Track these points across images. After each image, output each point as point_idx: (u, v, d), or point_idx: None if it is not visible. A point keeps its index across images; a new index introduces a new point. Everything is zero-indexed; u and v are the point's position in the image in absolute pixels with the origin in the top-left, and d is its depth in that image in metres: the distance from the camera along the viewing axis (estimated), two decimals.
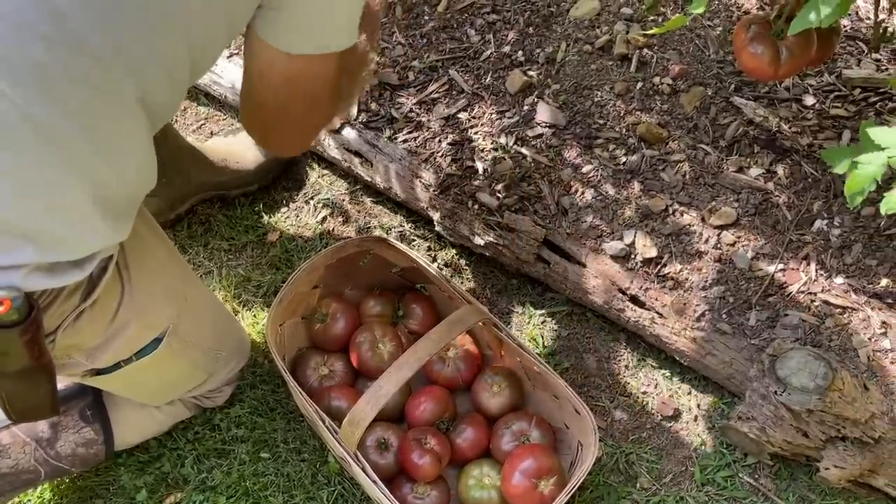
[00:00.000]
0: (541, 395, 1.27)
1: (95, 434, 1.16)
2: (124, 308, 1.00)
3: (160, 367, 1.10)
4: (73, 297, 0.92)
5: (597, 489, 1.22)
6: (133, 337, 1.03)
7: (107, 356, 1.02)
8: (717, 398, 1.28)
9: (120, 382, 1.11)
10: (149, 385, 1.15)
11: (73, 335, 0.96)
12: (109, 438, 1.17)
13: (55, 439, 1.14)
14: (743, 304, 1.21)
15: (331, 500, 1.21)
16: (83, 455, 1.16)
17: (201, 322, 1.15)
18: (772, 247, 1.24)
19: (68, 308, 0.92)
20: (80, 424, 1.15)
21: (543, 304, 1.39)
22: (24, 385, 0.91)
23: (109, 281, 0.96)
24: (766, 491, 1.20)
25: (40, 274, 0.83)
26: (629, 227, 1.28)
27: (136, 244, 1.02)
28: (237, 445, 1.25)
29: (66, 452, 1.14)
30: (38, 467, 1.13)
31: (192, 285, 1.15)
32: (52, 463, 1.14)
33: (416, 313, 1.34)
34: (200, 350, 1.15)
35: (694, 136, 1.35)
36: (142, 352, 1.06)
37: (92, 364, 1.03)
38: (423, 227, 1.47)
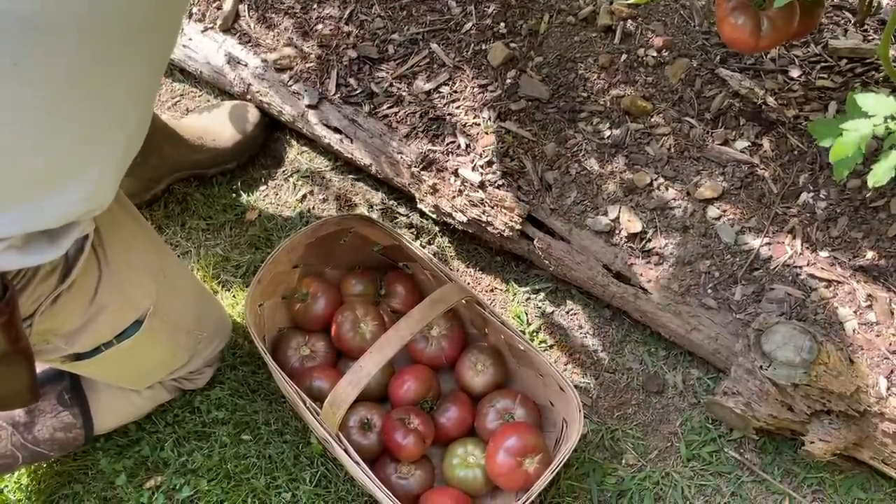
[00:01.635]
0: (525, 372, 1.25)
1: (74, 418, 1.13)
2: (103, 288, 0.97)
3: (142, 350, 1.08)
4: (49, 279, 0.89)
5: (582, 466, 1.22)
6: (113, 318, 1.01)
7: (87, 339, 1.00)
8: (702, 373, 1.27)
9: (101, 367, 1.08)
10: (130, 369, 1.13)
11: (50, 319, 0.93)
12: (88, 422, 1.15)
13: (32, 424, 1.11)
14: (728, 278, 1.20)
15: (314, 481, 1.19)
16: (62, 440, 1.14)
17: (182, 302, 1.13)
18: (757, 220, 1.23)
19: (45, 291, 0.89)
20: (59, 409, 1.12)
21: (527, 282, 1.37)
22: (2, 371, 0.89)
23: (86, 261, 0.93)
24: (751, 465, 1.20)
25: (14, 252, 0.80)
26: (613, 202, 1.26)
27: (111, 223, 0.99)
28: (218, 428, 1.23)
29: (43, 437, 1.12)
30: (15, 452, 1.11)
31: (170, 265, 1.13)
32: (29, 447, 1.12)
33: (398, 292, 1.32)
34: (183, 331, 1.13)
35: (679, 109, 1.33)
36: (123, 334, 1.03)
37: (71, 348, 1.00)
38: (404, 204, 1.45)
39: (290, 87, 1.44)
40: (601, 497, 1.19)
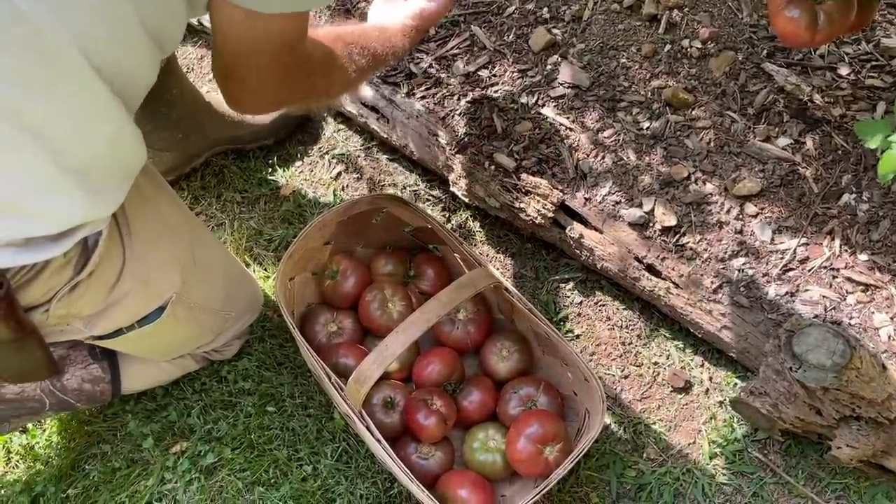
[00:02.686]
0: (550, 361, 1.25)
1: (103, 372, 1.15)
2: (125, 278, 0.98)
3: (165, 333, 1.09)
4: (63, 272, 0.90)
5: (603, 457, 1.21)
6: (134, 306, 1.02)
7: (107, 324, 1.01)
8: (730, 372, 1.26)
9: (123, 345, 1.10)
10: (154, 347, 1.15)
11: (68, 305, 0.95)
12: (116, 379, 1.17)
13: (62, 371, 1.13)
14: (762, 277, 1.18)
15: (335, 455, 1.21)
16: (89, 391, 1.16)
17: (211, 284, 1.13)
18: (795, 220, 1.20)
19: (60, 282, 0.90)
20: (89, 360, 1.14)
21: (557, 270, 1.37)
22: (11, 354, 0.91)
23: (109, 250, 0.94)
24: (774, 467, 1.18)
25: (13, 250, 0.81)
26: (649, 195, 1.25)
27: (142, 208, 1.00)
28: (243, 398, 1.25)
29: (72, 386, 1.14)
30: (43, 397, 1.14)
31: (203, 246, 1.13)
32: (57, 395, 1.14)
33: (427, 274, 1.32)
34: (209, 313, 1.14)
35: (721, 103, 1.31)
36: (144, 320, 1.04)
37: (91, 331, 1.02)
38: (438, 186, 1.45)
39: None
40: (620, 489, 1.19)
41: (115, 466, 1.21)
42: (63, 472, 1.22)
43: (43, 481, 1.21)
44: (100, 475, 1.21)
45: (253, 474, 1.19)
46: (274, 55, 0.85)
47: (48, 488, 1.20)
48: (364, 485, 1.18)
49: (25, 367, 0.96)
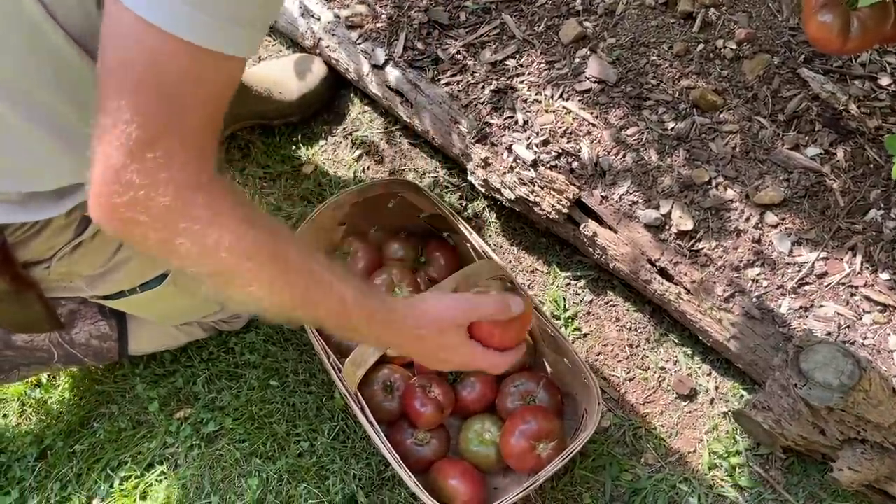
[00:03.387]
0: (554, 358, 1.24)
1: (110, 330, 1.18)
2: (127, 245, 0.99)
3: (167, 299, 1.10)
4: (65, 232, 0.91)
5: (599, 458, 1.20)
6: (134, 272, 1.03)
7: (107, 286, 1.03)
8: (737, 383, 1.23)
9: (126, 307, 1.12)
10: (158, 311, 1.17)
11: (69, 264, 0.96)
12: (123, 338, 1.19)
13: (72, 325, 1.16)
14: (777, 289, 1.15)
15: (332, 434, 1.22)
16: (96, 347, 1.19)
17: None
18: (817, 233, 1.17)
19: (60, 242, 0.92)
20: (98, 317, 1.17)
21: (570, 267, 1.35)
22: (8, 305, 0.93)
23: None
24: (774, 483, 1.16)
25: (12, 207, 0.83)
26: (667, 197, 1.22)
27: None
28: (248, 370, 1.27)
29: (80, 341, 1.17)
30: (52, 348, 1.16)
31: None
32: (65, 347, 1.17)
33: (437, 262, 1.32)
34: None
35: (751, 107, 1.27)
36: (146, 285, 1.06)
37: (93, 291, 1.04)
38: (457, 174, 1.44)
39: (358, 45, 1.44)
40: (614, 492, 1.18)
41: (121, 427, 1.25)
42: (72, 428, 1.25)
43: (52, 435, 1.25)
44: (106, 434, 1.24)
45: (251, 445, 1.21)
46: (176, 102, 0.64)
47: (56, 442, 1.24)
48: (358, 465, 1.19)
49: (25, 318, 0.98)
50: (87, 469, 1.22)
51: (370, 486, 1.18)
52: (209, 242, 0.68)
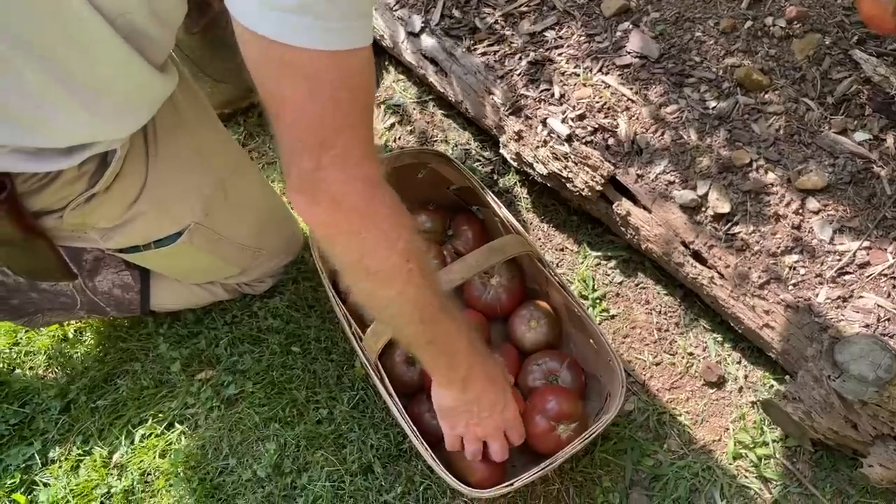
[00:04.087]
0: (580, 338, 1.22)
1: (133, 281, 1.18)
2: (143, 198, 0.99)
3: (182, 258, 1.10)
4: (77, 183, 0.91)
5: (622, 442, 1.18)
6: (149, 227, 1.02)
7: (121, 239, 1.03)
8: (767, 373, 1.19)
9: (142, 261, 1.12)
10: (174, 268, 1.16)
11: (82, 216, 0.96)
12: (146, 291, 1.19)
13: (95, 272, 1.16)
14: (815, 277, 1.11)
15: (352, 402, 1.22)
16: (118, 297, 1.19)
17: (241, 218, 1.14)
18: (861, 221, 1.12)
19: (72, 193, 0.92)
20: (121, 266, 1.17)
21: (601, 246, 1.32)
22: (19, 252, 0.93)
23: (131, 169, 0.95)
24: (801, 477, 1.13)
25: (22, 156, 0.83)
26: (705, 178, 1.18)
27: (176, 133, 1.00)
28: (271, 335, 1.27)
29: (102, 289, 1.17)
30: (75, 294, 1.17)
31: (242, 181, 1.13)
32: (88, 294, 1.17)
33: (465, 235, 1.30)
34: (233, 247, 1.14)
35: (798, 89, 1.22)
36: (160, 242, 1.06)
37: (106, 244, 1.04)
38: (489, 147, 1.41)
39: (395, 12, 1.42)
40: (634, 476, 1.16)
41: (144, 385, 1.25)
42: (95, 384, 1.27)
43: (76, 389, 1.26)
44: (129, 391, 1.25)
45: (271, 410, 1.21)
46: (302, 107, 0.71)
47: (80, 396, 1.25)
48: (376, 435, 1.19)
49: (35, 266, 0.99)
50: (108, 424, 1.23)
51: (387, 456, 1.17)
52: (393, 245, 0.78)
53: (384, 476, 1.16)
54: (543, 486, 1.15)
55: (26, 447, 1.22)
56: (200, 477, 1.17)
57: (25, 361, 1.30)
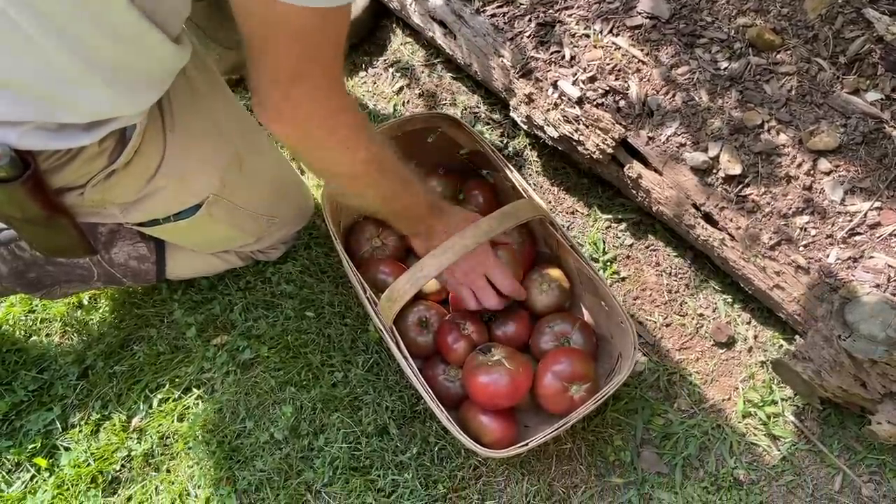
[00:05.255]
0: (591, 301, 1.23)
1: (149, 252, 1.19)
2: (162, 172, 0.99)
3: (200, 229, 1.11)
4: (98, 160, 0.92)
5: (632, 402, 1.20)
6: (168, 201, 1.03)
7: (141, 214, 1.03)
8: (777, 333, 1.21)
9: (161, 234, 1.12)
10: (192, 239, 1.17)
11: (103, 192, 0.96)
12: (161, 261, 1.20)
13: (111, 244, 1.17)
14: (825, 238, 1.11)
15: (366, 366, 1.23)
16: (134, 268, 1.20)
17: (256, 188, 1.14)
18: (872, 182, 1.12)
19: (93, 169, 0.92)
20: (137, 238, 1.17)
21: (611, 209, 1.33)
22: (43, 230, 0.94)
23: (149, 144, 0.95)
24: (809, 434, 1.15)
25: (44, 134, 0.83)
26: (716, 140, 1.18)
27: (191, 106, 1.00)
28: (284, 300, 1.28)
29: (119, 261, 1.18)
30: (91, 266, 1.18)
31: (255, 151, 1.13)
32: (104, 266, 1.18)
33: (476, 200, 1.30)
34: (249, 216, 1.15)
35: (811, 48, 1.21)
36: (179, 215, 1.06)
37: (126, 219, 1.04)
38: (499, 110, 1.41)
39: None
40: (645, 435, 1.18)
41: (160, 350, 1.27)
42: (112, 350, 1.28)
43: (93, 355, 1.28)
44: (145, 356, 1.27)
45: (286, 374, 1.23)
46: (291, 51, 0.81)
47: (97, 362, 1.27)
48: (391, 398, 1.21)
49: (57, 243, 0.99)
50: (126, 389, 1.25)
51: (402, 418, 1.19)
52: (355, 155, 0.96)
53: (399, 437, 1.18)
54: (556, 446, 1.17)
55: (46, 412, 1.24)
56: (219, 440, 1.20)
57: (41, 329, 1.31)
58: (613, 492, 1.14)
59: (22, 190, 0.85)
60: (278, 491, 1.15)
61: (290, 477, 1.16)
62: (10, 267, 1.16)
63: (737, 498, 1.12)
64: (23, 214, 0.90)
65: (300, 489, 1.16)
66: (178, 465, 1.19)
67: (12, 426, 1.23)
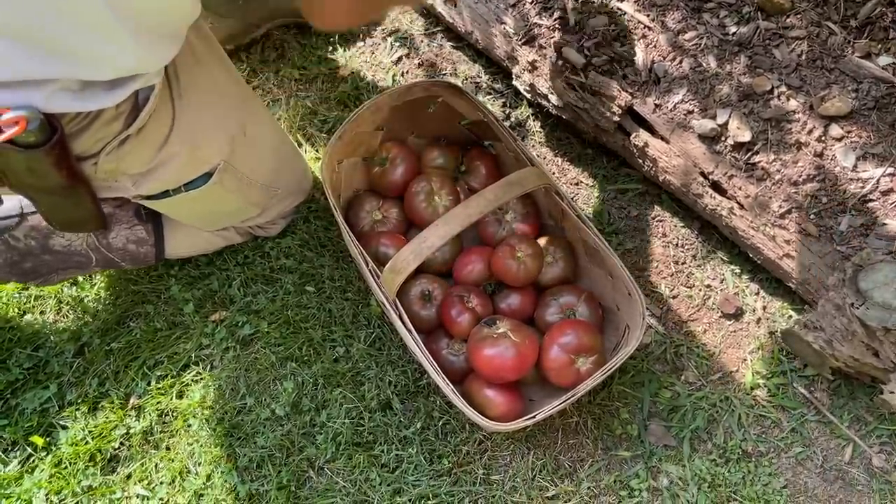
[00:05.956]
0: (596, 272, 1.20)
1: (147, 234, 1.17)
2: (173, 139, 0.98)
3: (210, 200, 1.09)
4: (114, 123, 0.90)
5: (639, 375, 1.18)
6: (181, 169, 1.01)
7: (153, 184, 1.01)
8: (786, 303, 1.19)
9: (169, 208, 1.11)
10: (199, 214, 1.15)
11: (117, 161, 0.95)
12: (160, 242, 1.18)
13: (108, 230, 1.15)
14: (837, 206, 1.09)
15: (368, 340, 1.21)
16: (133, 252, 1.18)
17: (259, 157, 1.12)
18: (884, 147, 1.10)
19: (109, 134, 0.90)
20: (134, 221, 1.16)
21: (617, 179, 1.30)
22: (61, 200, 0.92)
23: (159, 111, 0.94)
24: (819, 405, 1.13)
25: (69, 95, 0.81)
26: (724, 106, 1.15)
27: (196, 72, 0.99)
28: (284, 275, 1.26)
29: (117, 245, 1.17)
30: (89, 253, 1.16)
31: (255, 118, 1.11)
32: (103, 252, 1.17)
33: (478, 170, 1.28)
34: (255, 186, 1.13)
35: (821, 12, 1.18)
36: (191, 184, 1.04)
37: (138, 190, 1.02)
38: (501, 80, 1.38)
39: None
40: (652, 408, 1.16)
41: (157, 327, 1.25)
42: (108, 327, 1.26)
43: (89, 332, 1.25)
44: (142, 333, 1.24)
45: (287, 350, 1.21)
46: None
47: (94, 340, 1.25)
48: (394, 372, 1.18)
49: (74, 215, 0.98)
50: (123, 367, 1.22)
51: (405, 392, 1.17)
52: None
53: (403, 412, 1.16)
54: (562, 420, 1.15)
55: (42, 390, 1.21)
56: (219, 417, 1.18)
57: (36, 306, 1.29)
58: (620, 465, 1.13)
59: (47, 157, 0.84)
60: (280, 468, 1.13)
61: (292, 453, 1.14)
62: (4, 258, 1.14)
63: (745, 470, 1.11)
64: (43, 183, 0.89)
65: (302, 465, 1.14)
66: (177, 442, 1.17)
67: (8, 405, 1.21)
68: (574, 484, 1.11)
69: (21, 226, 1.13)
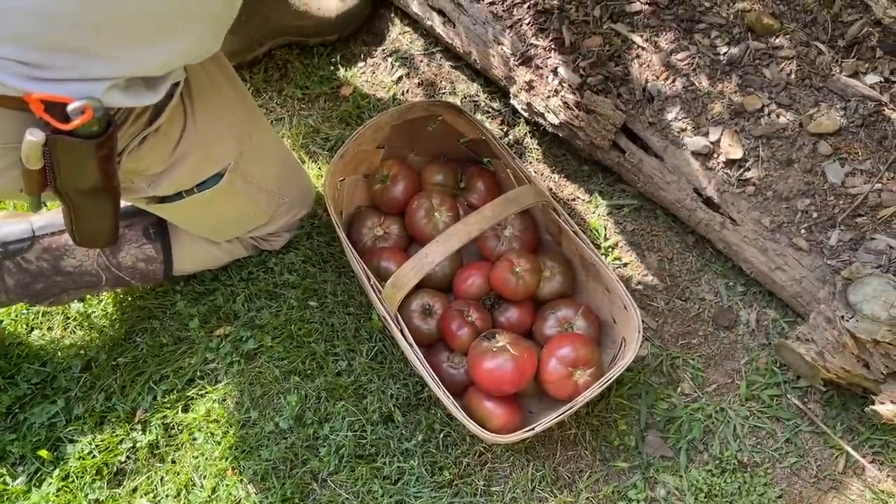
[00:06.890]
0: (593, 286, 1.23)
1: (156, 252, 1.20)
2: (186, 138, 1.01)
3: (221, 203, 1.12)
4: (140, 120, 0.93)
5: (636, 387, 1.20)
6: (194, 168, 1.04)
7: (168, 184, 1.04)
8: (778, 315, 1.21)
9: (181, 213, 1.13)
10: (210, 219, 1.18)
11: (136, 160, 0.98)
12: (168, 260, 1.21)
13: (118, 249, 1.18)
14: (826, 220, 1.12)
15: (370, 354, 1.23)
16: (142, 270, 1.21)
17: (265, 164, 1.15)
18: (872, 164, 1.13)
19: (135, 131, 0.93)
20: (143, 240, 1.19)
21: (612, 195, 1.33)
22: (92, 206, 0.93)
23: (174, 109, 0.96)
24: (812, 416, 1.15)
25: (118, 92, 0.83)
26: (717, 124, 1.19)
27: (203, 80, 1.02)
28: (287, 290, 1.28)
29: (126, 264, 1.19)
30: (99, 272, 1.19)
31: (258, 128, 1.15)
32: (112, 271, 1.19)
33: (477, 187, 1.30)
34: (263, 191, 1.16)
35: (809, 32, 1.22)
36: (203, 185, 1.07)
37: (153, 191, 1.05)
38: (498, 99, 1.41)
39: None
40: (649, 420, 1.18)
41: (163, 342, 1.27)
42: (115, 342, 1.28)
43: (96, 348, 1.27)
44: (148, 348, 1.27)
45: (290, 364, 1.23)
46: None
47: (100, 355, 1.27)
48: (395, 385, 1.21)
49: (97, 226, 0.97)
50: (130, 381, 1.25)
51: (406, 405, 1.20)
52: None
53: (405, 424, 1.18)
54: (561, 431, 1.18)
55: (49, 405, 1.23)
56: (224, 430, 1.20)
57: (43, 322, 1.31)
58: (618, 476, 1.15)
59: (98, 151, 0.84)
60: (284, 480, 1.15)
61: (296, 466, 1.16)
62: (16, 280, 1.17)
63: (741, 480, 1.13)
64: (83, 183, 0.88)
65: (306, 478, 1.16)
66: (183, 455, 1.19)
67: (16, 419, 1.23)
68: (573, 495, 1.14)
69: (33, 248, 1.16)
